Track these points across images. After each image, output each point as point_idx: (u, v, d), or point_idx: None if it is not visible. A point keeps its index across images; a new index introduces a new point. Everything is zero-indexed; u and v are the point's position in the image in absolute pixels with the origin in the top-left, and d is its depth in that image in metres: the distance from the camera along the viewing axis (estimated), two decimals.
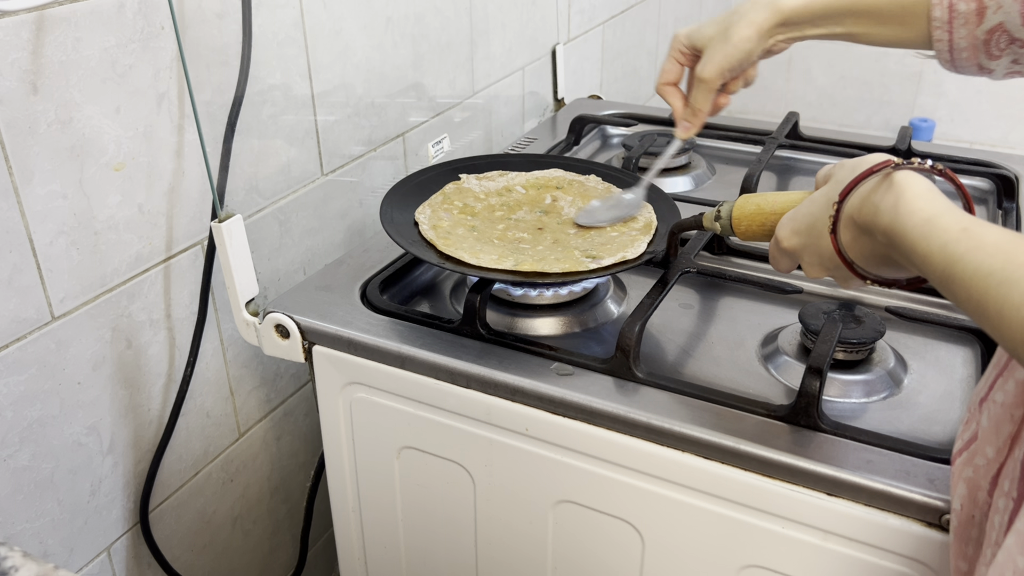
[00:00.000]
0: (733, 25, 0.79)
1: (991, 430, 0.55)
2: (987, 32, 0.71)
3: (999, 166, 1.15)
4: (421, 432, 0.84)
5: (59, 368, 0.79)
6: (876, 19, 0.75)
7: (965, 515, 0.57)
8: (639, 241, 0.87)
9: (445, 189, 0.98)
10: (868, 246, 0.58)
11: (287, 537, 1.15)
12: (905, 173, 0.55)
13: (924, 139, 2.36)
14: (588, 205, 0.95)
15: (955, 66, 0.75)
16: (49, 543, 0.83)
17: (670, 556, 0.76)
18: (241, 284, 0.86)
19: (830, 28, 0.78)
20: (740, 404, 0.73)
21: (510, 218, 0.95)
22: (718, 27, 0.81)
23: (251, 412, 1.03)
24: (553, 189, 1.00)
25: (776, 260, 0.68)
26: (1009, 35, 0.71)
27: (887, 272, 0.60)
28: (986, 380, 0.59)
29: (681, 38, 0.84)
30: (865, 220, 0.57)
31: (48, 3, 0.71)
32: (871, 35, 0.77)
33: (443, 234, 0.88)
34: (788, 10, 0.77)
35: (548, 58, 1.51)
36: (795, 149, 1.24)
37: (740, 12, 0.79)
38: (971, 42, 0.72)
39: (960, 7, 0.71)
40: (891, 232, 0.54)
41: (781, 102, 2.51)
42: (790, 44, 0.82)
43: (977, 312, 0.48)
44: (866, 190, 0.57)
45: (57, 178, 0.75)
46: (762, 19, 0.78)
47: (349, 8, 1.03)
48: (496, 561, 0.87)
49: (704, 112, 0.85)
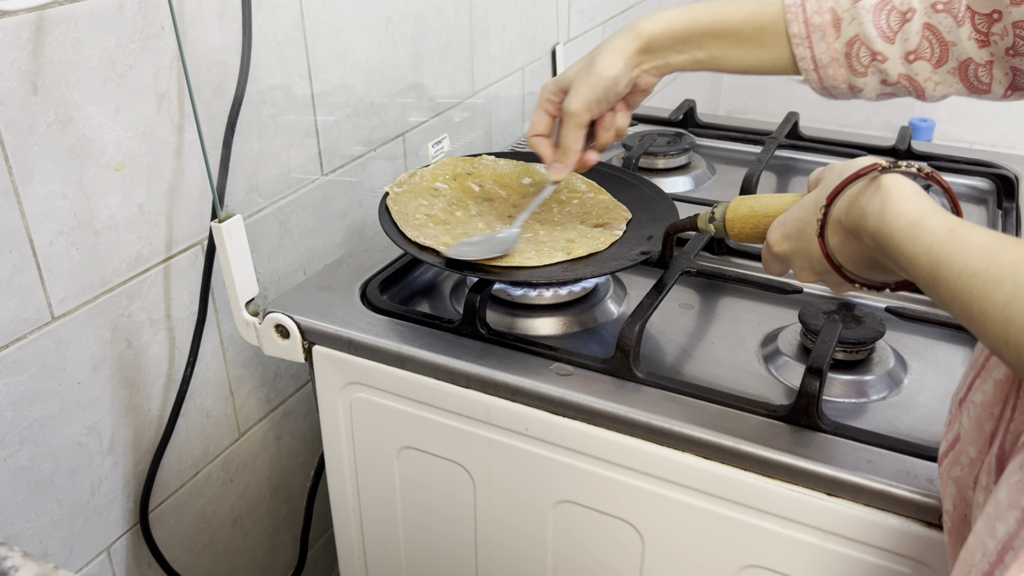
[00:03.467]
0: (596, 56, 0.80)
1: (972, 430, 0.55)
2: (846, 44, 0.71)
3: (999, 166, 1.15)
4: (421, 432, 0.84)
5: (59, 368, 0.79)
6: (736, 41, 0.75)
7: (958, 515, 0.57)
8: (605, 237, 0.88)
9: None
10: (856, 249, 0.59)
11: (287, 537, 1.15)
12: (892, 176, 0.56)
13: (924, 139, 2.36)
14: (465, 241, 0.87)
15: (824, 86, 0.75)
16: (49, 543, 0.83)
17: (670, 556, 0.76)
18: (241, 284, 0.86)
19: (692, 53, 0.78)
20: (740, 404, 0.73)
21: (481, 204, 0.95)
22: (582, 63, 0.81)
23: (251, 412, 1.03)
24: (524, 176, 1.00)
25: (768, 264, 0.69)
26: (869, 48, 0.71)
27: (875, 276, 0.60)
28: (964, 381, 0.59)
29: (549, 86, 0.84)
30: (852, 223, 0.57)
31: (48, 3, 0.71)
32: (734, 60, 0.77)
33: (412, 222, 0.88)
34: (648, 34, 0.77)
35: (548, 58, 1.51)
36: (795, 149, 1.24)
37: (603, 44, 0.80)
38: (833, 56, 0.72)
39: (815, 20, 0.71)
40: (878, 235, 0.54)
41: (781, 102, 2.51)
42: (658, 77, 0.82)
43: (962, 312, 0.48)
44: (853, 193, 0.58)
45: (57, 178, 0.75)
46: (624, 45, 0.78)
47: (349, 8, 1.03)
48: (496, 561, 0.87)
49: (575, 150, 0.83)
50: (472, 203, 0.95)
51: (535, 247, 0.86)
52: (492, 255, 0.82)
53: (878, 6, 0.70)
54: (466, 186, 0.97)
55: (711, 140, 1.30)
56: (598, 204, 0.95)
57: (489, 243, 0.85)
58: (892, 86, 0.73)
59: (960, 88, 0.72)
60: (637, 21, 0.78)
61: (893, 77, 0.72)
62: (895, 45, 0.70)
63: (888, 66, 0.71)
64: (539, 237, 0.89)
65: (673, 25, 0.77)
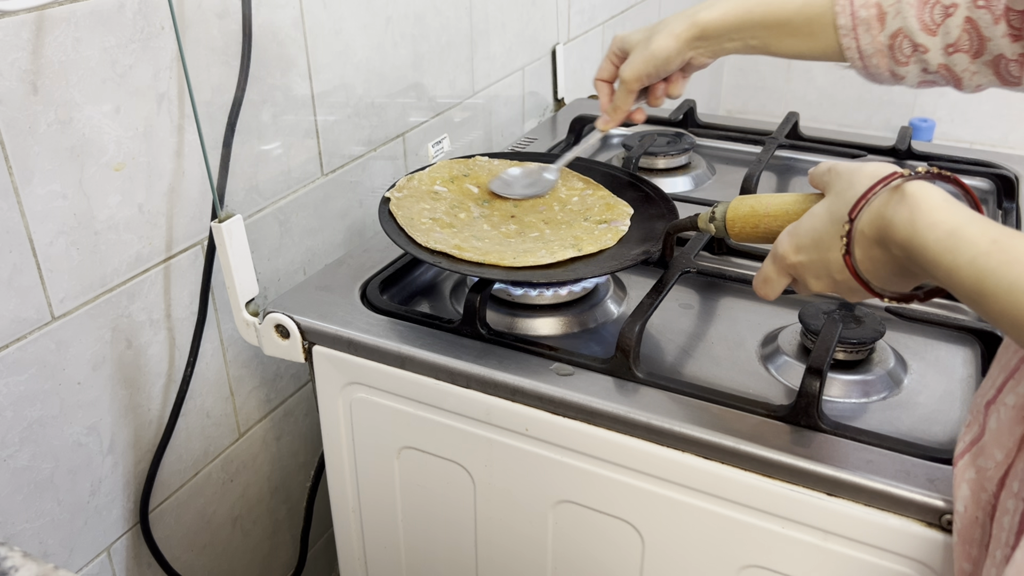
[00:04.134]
0: (656, 34, 0.84)
1: (1001, 432, 0.55)
2: (890, 37, 0.74)
3: (999, 166, 1.15)
4: (421, 432, 0.84)
5: (59, 368, 0.79)
6: (787, 31, 0.79)
7: (969, 517, 0.57)
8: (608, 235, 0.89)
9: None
10: (881, 258, 0.57)
11: (287, 537, 1.15)
12: (916, 184, 0.54)
13: (924, 139, 2.36)
14: (505, 172, 0.98)
15: (869, 73, 0.78)
16: (49, 543, 0.83)
17: (670, 556, 0.76)
18: (241, 284, 0.86)
19: (745, 41, 0.82)
20: (740, 404, 0.73)
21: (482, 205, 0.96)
22: (644, 34, 0.86)
23: (251, 412, 1.03)
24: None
25: (769, 281, 0.66)
26: (911, 40, 0.73)
27: (902, 284, 0.58)
28: (993, 383, 0.58)
29: (617, 40, 0.90)
30: (877, 233, 0.56)
31: (48, 3, 0.71)
32: (784, 47, 0.80)
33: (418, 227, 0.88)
34: (705, 23, 0.82)
35: (548, 58, 1.51)
36: (795, 149, 1.24)
37: (665, 22, 0.84)
38: (877, 48, 0.75)
39: (861, 13, 0.74)
40: (909, 245, 0.53)
41: (781, 102, 2.51)
42: (712, 58, 0.86)
43: (1012, 326, 0.47)
44: (875, 203, 0.56)
45: (57, 178, 0.75)
46: (681, 30, 0.83)
47: (349, 8, 1.03)
48: (496, 561, 0.87)
49: (623, 111, 0.90)
50: (473, 205, 0.95)
51: (544, 245, 0.86)
52: (538, 194, 0.96)
53: (922, 0, 0.72)
54: (465, 188, 0.97)
55: (711, 140, 1.30)
56: (598, 200, 0.95)
57: (536, 184, 0.97)
58: (932, 75, 0.75)
59: (993, 80, 0.74)
60: (696, 8, 0.83)
61: (933, 67, 0.74)
62: (936, 37, 0.72)
63: (929, 56, 0.73)
64: (546, 236, 0.89)
65: (728, 15, 0.81)
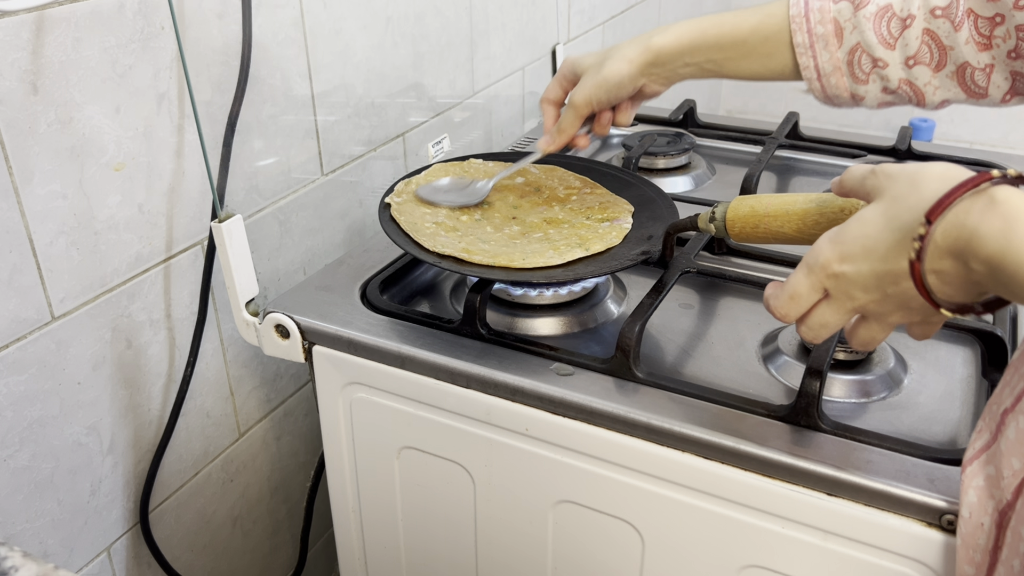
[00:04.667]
0: (609, 58, 0.83)
1: (1020, 440, 0.54)
2: (848, 53, 0.72)
3: (999, 166, 1.14)
4: (421, 432, 0.84)
5: (59, 368, 0.79)
6: (742, 52, 0.78)
7: (973, 523, 0.57)
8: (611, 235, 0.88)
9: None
10: (951, 271, 0.51)
11: (287, 537, 1.15)
12: (1007, 190, 0.48)
13: (924, 139, 2.36)
14: (437, 181, 0.97)
15: (827, 95, 0.76)
16: (49, 543, 0.83)
17: (670, 556, 0.76)
18: (241, 284, 0.86)
19: (700, 64, 0.80)
20: (740, 404, 0.73)
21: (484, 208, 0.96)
22: (597, 58, 0.85)
23: (251, 412, 1.03)
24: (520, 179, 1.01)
25: (797, 297, 0.58)
26: (870, 55, 0.72)
27: (963, 297, 0.53)
28: (1012, 391, 0.57)
29: (568, 63, 0.89)
30: (955, 245, 0.50)
31: (48, 3, 0.71)
32: (740, 68, 0.79)
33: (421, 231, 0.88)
34: (659, 47, 0.81)
35: (548, 58, 1.51)
36: (795, 149, 1.24)
37: (618, 47, 0.83)
38: (835, 65, 0.73)
39: (818, 29, 0.73)
40: (1000, 261, 0.47)
41: (781, 102, 2.50)
42: (666, 86, 0.85)
43: None
44: (952, 211, 0.50)
45: (57, 178, 0.75)
46: (634, 55, 0.81)
47: (349, 8, 1.03)
48: (496, 561, 0.87)
49: (567, 134, 0.88)
50: (474, 207, 0.95)
51: (551, 246, 0.86)
52: (463, 204, 0.93)
53: (878, 14, 0.71)
54: None
55: (711, 140, 1.30)
56: (597, 199, 0.95)
57: (463, 192, 0.94)
58: (893, 93, 0.74)
59: (958, 93, 0.73)
60: (650, 34, 0.82)
61: (894, 83, 0.72)
62: (895, 51, 0.71)
63: (889, 72, 0.72)
64: (550, 236, 0.89)
65: (682, 38, 0.80)
